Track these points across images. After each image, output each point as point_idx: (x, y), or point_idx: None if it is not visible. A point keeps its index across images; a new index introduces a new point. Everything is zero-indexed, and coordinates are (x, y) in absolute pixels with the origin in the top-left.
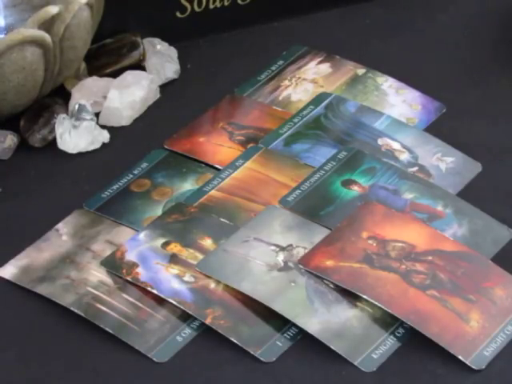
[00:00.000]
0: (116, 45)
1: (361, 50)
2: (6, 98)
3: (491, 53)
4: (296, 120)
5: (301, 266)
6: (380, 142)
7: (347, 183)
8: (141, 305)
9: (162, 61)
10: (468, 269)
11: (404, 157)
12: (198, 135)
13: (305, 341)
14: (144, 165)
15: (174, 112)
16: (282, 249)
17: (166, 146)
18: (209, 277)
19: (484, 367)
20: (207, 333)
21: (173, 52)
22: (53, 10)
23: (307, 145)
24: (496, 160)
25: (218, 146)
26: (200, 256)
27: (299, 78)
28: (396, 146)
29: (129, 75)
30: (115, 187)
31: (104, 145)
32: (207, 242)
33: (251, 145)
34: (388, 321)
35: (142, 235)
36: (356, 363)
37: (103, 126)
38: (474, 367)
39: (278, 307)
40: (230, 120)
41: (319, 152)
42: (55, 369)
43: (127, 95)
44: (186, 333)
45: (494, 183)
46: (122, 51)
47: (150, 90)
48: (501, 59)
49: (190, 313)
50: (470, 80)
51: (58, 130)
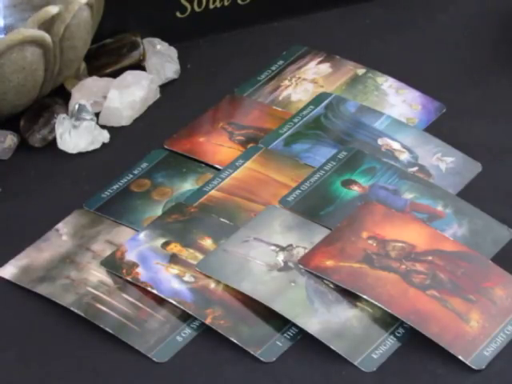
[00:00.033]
0: (116, 45)
1: (361, 50)
2: (6, 98)
3: (491, 53)
4: (296, 120)
5: (301, 266)
6: (380, 142)
7: (347, 183)
8: (141, 305)
9: (162, 61)
10: (468, 269)
11: (404, 157)
12: (198, 135)
13: (305, 341)
14: (144, 165)
15: (174, 112)
16: (282, 249)
17: (165, 146)
18: (209, 277)
19: (484, 367)
20: (207, 333)
21: (173, 52)
22: (53, 9)
23: (307, 145)
24: (496, 160)
25: (218, 146)
26: (200, 256)
27: (299, 78)
28: (396, 146)
29: (129, 75)
30: (115, 187)
31: (104, 145)
32: (207, 242)
33: (251, 145)
34: (388, 321)
35: (141, 235)
36: (356, 363)
37: (103, 126)
38: (474, 367)
39: (278, 307)
40: (230, 120)
41: (319, 152)
42: (55, 369)
43: (127, 95)
44: (186, 333)
45: (493, 183)
46: (122, 51)
47: (150, 90)
48: (501, 59)
49: (190, 313)
50: (470, 80)
51: (58, 130)
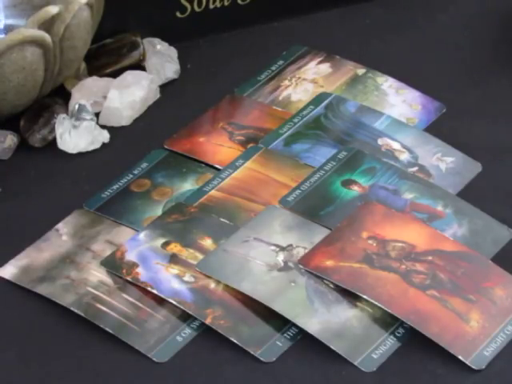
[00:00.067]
0: (116, 45)
1: (361, 50)
2: (6, 98)
3: (491, 53)
4: (296, 120)
5: (301, 266)
6: (380, 142)
7: (347, 183)
8: (141, 305)
9: (162, 61)
10: (468, 269)
11: (404, 157)
12: (198, 135)
13: (305, 341)
14: (144, 165)
15: (174, 112)
16: (282, 249)
17: (165, 146)
18: (209, 277)
19: (484, 367)
20: (207, 333)
21: (173, 52)
22: (53, 9)
23: (307, 145)
24: (496, 160)
25: (218, 146)
26: (200, 256)
27: (299, 78)
28: (396, 146)
29: (129, 75)
30: (115, 187)
31: (104, 145)
32: (207, 242)
33: (251, 145)
34: (388, 321)
35: (142, 235)
36: (356, 363)
37: (103, 126)
38: (474, 367)
39: (278, 307)
40: (230, 120)
41: (319, 152)
42: (55, 369)
43: (127, 95)
44: (186, 333)
45: (494, 183)
46: (122, 51)
47: (150, 90)
48: (501, 59)
49: (190, 313)
50: (470, 80)
51: (58, 130)
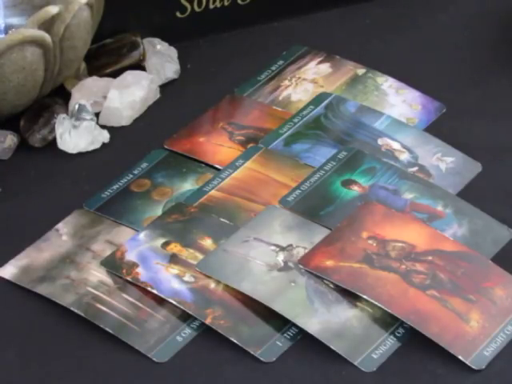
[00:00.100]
0: (116, 45)
1: (361, 50)
2: (6, 98)
3: (491, 53)
4: (296, 120)
5: (301, 266)
6: (380, 142)
7: (347, 183)
8: (141, 305)
9: (162, 61)
10: (468, 269)
11: (404, 157)
12: (198, 135)
13: (305, 341)
14: (144, 165)
15: (174, 112)
16: (282, 249)
17: (165, 146)
18: (209, 277)
19: (484, 367)
20: (207, 333)
21: (173, 52)
22: (53, 9)
23: (307, 145)
24: (496, 160)
25: (218, 146)
26: (200, 256)
27: (299, 78)
28: (396, 146)
29: (129, 75)
30: (115, 187)
31: (104, 145)
32: (207, 242)
33: (251, 145)
34: (388, 321)
35: (142, 235)
36: (356, 363)
37: (103, 126)
38: (474, 367)
39: (278, 307)
40: (230, 120)
41: (319, 152)
42: (55, 369)
43: (127, 95)
44: (186, 333)
45: (494, 183)
46: (122, 51)
47: (150, 90)
48: (501, 59)
49: (190, 313)
50: (470, 80)
51: (58, 130)
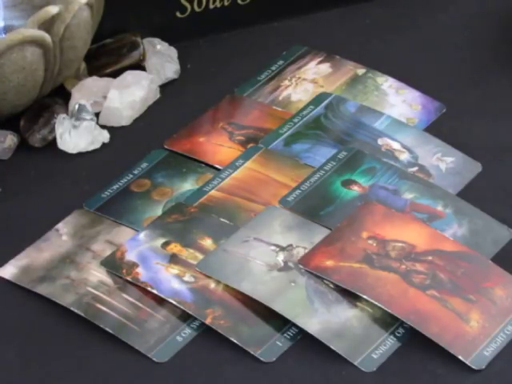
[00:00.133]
0: (116, 45)
1: (361, 50)
2: (6, 98)
3: (491, 53)
4: (296, 120)
5: (301, 266)
6: (380, 142)
7: (347, 183)
8: (141, 305)
9: (162, 61)
10: (468, 269)
11: (404, 157)
12: (198, 135)
13: (305, 341)
14: (144, 165)
15: (174, 112)
16: (282, 249)
17: (165, 146)
18: (209, 277)
19: (484, 367)
20: (207, 333)
21: (173, 52)
22: (53, 9)
23: (307, 145)
24: (496, 160)
25: (218, 146)
26: (200, 256)
27: (299, 78)
28: (396, 146)
29: (129, 75)
30: (115, 187)
31: (104, 145)
32: (207, 242)
33: (251, 145)
34: (388, 321)
35: (141, 235)
36: (356, 363)
37: (103, 126)
38: (474, 367)
39: (278, 307)
40: (230, 120)
41: (319, 152)
42: (55, 369)
43: (127, 95)
44: (186, 333)
45: (494, 183)
46: (122, 51)
47: (150, 90)
48: (501, 59)
49: (190, 313)
50: (470, 80)
51: (58, 130)
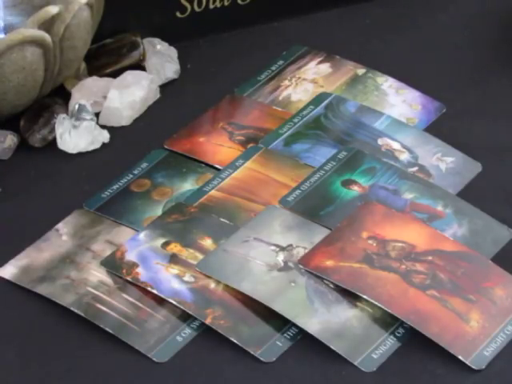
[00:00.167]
0: (116, 45)
1: (361, 50)
2: (6, 98)
3: (491, 53)
4: (296, 120)
5: (301, 266)
6: (380, 142)
7: (347, 183)
8: (141, 305)
9: (162, 61)
10: (468, 269)
11: (404, 157)
12: (198, 135)
13: (305, 341)
14: (144, 165)
15: (174, 112)
16: (282, 249)
17: (165, 146)
18: (209, 277)
19: (484, 367)
20: (207, 333)
21: (173, 52)
22: (53, 9)
23: (307, 145)
24: (496, 160)
25: (218, 146)
26: (200, 256)
27: (299, 78)
28: (396, 146)
29: (129, 75)
30: (115, 187)
31: (104, 145)
32: (207, 242)
33: (251, 145)
34: (388, 321)
35: (141, 235)
36: (356, 363)
37: (103, 126)
38: (474, 367)
39: (278, 307)
40: (230, 120)
41: (319, 152)
42: (55, 369)
43: (127, 95)
44: (186, 333)
45: (494, 183)
46: (122, 51)
47: (150, 90)
48: (501, 59)
49: (190, 313)
50: (470, 80)
51: (58, 130)
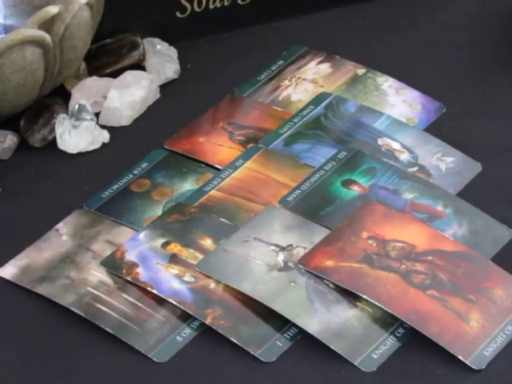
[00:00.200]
0: (116, 45)
1: (361, 50)
2: (6, 98)
3: (491, 53)
4: (296, 120)
5: (301, 266)
6: (380, 142)
7: (347, 183)
8: (141, 305)
9: (162, 61)
10: (468, 269)
11: (404, 157)
12: (198, 135)
13: (305, 341)
14: (144, 165)
15: (174, 112)
16: (282, 249)
17: (165, 146)
18: (209, 277)
19: (484, 367)
20: (207, 333)
21: (173, 52)
22: (53, 9)
23: (307, 145)
24: (496, 160)
25: (218, 146)
26: (200, 256)
27: (299, 78)
28: (396, 146)
29: (129, 75)
30: (115, 187)
31: (104, 145)
32: (207, 242)
33: (251, 145)
34: (388, 321)
35: (141, 235)
36: (356, 363)
37: (103, 126)
38: (474, 367)
39: (278, 307)
40: (230, 120)
41: (319, 152)
42: (55, 369)
43: (127, 95)
44: (186, 333)
45: (494, 183)
46: (122, 51)
47: (150, 90)
48: (501, 59)
49: (190, 313)
50: (470, 80)
51: (58, 130)
